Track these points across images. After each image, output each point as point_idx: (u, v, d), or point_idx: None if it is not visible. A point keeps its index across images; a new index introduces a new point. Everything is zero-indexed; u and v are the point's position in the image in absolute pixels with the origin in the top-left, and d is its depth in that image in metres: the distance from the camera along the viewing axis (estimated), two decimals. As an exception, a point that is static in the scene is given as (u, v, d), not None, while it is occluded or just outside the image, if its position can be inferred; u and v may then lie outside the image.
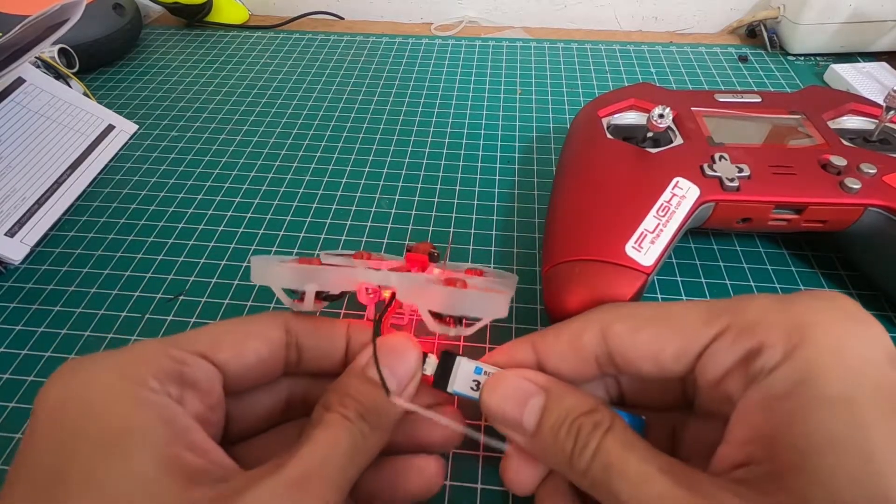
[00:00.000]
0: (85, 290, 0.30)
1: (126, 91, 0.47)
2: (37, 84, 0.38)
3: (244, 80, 0.48)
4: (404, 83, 0.47)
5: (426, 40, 0.54)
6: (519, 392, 0.18)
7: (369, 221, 0.34)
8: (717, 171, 0.27)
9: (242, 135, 0.42)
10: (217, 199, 0.36)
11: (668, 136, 0.31)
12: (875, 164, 0.27)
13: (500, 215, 0.34)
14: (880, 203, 0.25)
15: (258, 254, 0.32)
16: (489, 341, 0.27)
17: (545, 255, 0.26)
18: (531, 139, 0.41)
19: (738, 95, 0.33)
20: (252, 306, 0.29)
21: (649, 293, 0.29)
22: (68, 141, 0.37)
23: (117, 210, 0.35)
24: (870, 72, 0.45)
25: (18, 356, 0.27)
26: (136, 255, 0.32)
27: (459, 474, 0.22)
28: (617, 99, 0.34)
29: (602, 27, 0.58)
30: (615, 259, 0.24)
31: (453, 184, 0.36)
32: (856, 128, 0.32)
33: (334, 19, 0.61)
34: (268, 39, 0.55)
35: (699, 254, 0.31)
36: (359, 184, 0.37)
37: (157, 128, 0.42)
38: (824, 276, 0.30)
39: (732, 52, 0.51)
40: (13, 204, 0.33)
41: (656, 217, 0.25)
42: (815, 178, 0.27)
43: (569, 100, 0.45)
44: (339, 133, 0.42)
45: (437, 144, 0.40)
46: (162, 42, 0.55)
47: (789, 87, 0.46)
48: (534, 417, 0.18)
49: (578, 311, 0.23)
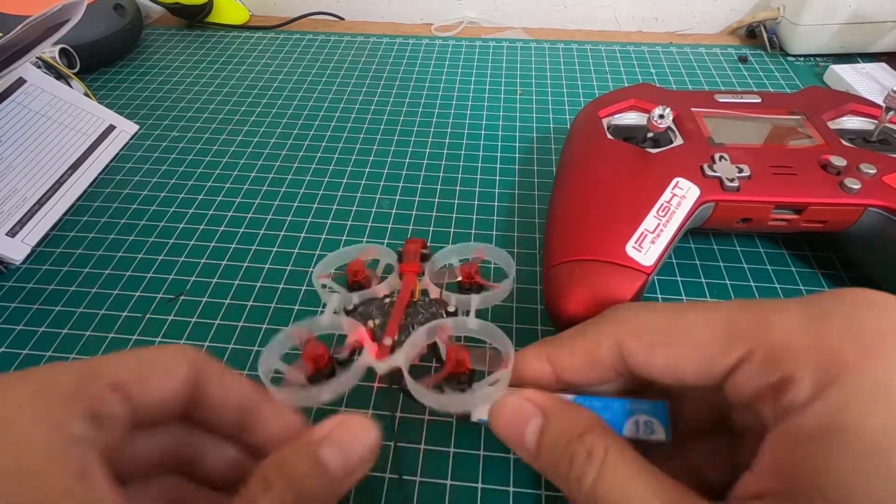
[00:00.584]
0: (86, 290, 0.30)
1: (127, 91, 0.47)
2: (38, 84, 0.38)
3: (245, 81, 0.48)
4: (405, 84, 0.47)
5: (426, 41, 0.54)
6: (520, 414, 0.18)
7: (370, 222, 0.34)
8: (718, 171, 0.27)
9: (243, 135, 0.42)
10: (218, 200, 0.36)
11: (668, 137, 0.31)
12: (875, 165, 0.27)
13: (500, 215, 0.34)
14: (880, 203, 0.26)
15: (258, 254, 0.32)
16: (489, 341, 0.27)
17: (545, 255, 0.27)
18: (531, 139, 0.41)
19: (738, 96, 0.33)
20: (252, 306, 0.29)
21: (649, 293, 0.29)
22: (69, 141, 0.37)
23: (118, 210, 0.35)
24: (869, 72, 0.45)
25: (19, 356, 0.27)
26: (136, 255, 0.32)
27: (460, 474, 0.22)
28: (617, 99, 0.34)
29: (602, 28, 0.58)
30: (615, 259, 0.24)
31: (453, 184, 0.36)
32: (855, 128, 0.32)
33: (334, 20, 0.61)
34: (268, 40, 0.55)
35: (699, 254, 0.31)
36: (359, 184, 0.37)
37: (158, 128, 0.42)
38: (824, 276, 0.30)
39: (732, 52, 0.51)
40: (14, 204, 0.33)
41: (656, 217, 0.25)
42: (815, 179, 0.27)
43: (569, 100, 0.45)
44: (339, 133, 0.42)
45: (438, 145, 0.40)
46: (163, 42, 0.55)
47: (789, 87, 0.46)
48: (532, 439, 0.17)
49: (578, 311, 0.23)
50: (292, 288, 0.30)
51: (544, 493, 0.22)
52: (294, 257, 0.32)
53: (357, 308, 0.25)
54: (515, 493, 0.22)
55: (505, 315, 0.28)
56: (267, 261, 0.31)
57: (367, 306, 0.25)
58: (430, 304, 0.25)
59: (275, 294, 0.29)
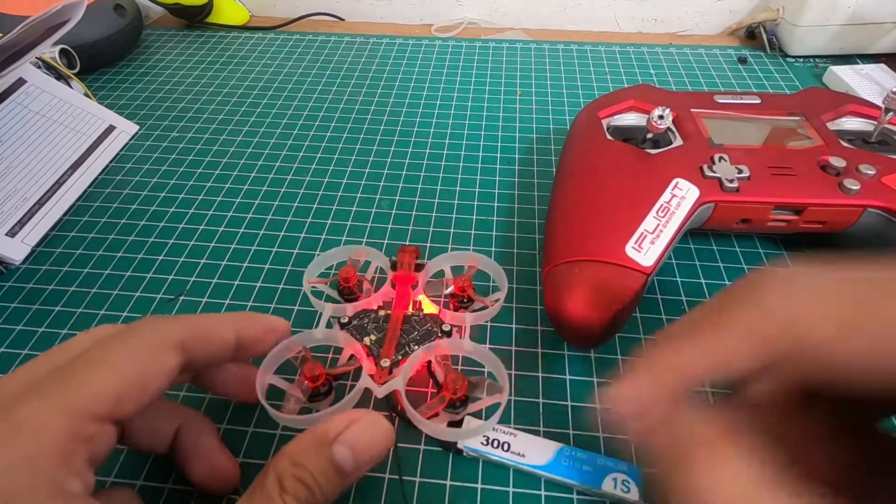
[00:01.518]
0: (86, 290, 0.30)
1: (127, 92, 0.47)
2: (38, 85, 0.38)
3: (245, 81, 0.48)
4: (405, 84, 0.48)
5: (426, 42, 0.54)
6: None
7: (370, 222, 0.34)
8: (717, 172, 0.27)
9: (243, 135, 0.42)
10: (218, 200, 0.36)
11: (667, 138, 0.31)
12: (874, 166, 0.27)
13: (500, 215, 0.34)
14: (879, 204, 0.26)
15: (258, 254, 0.32)
16: (489, 341, 0.27)
17: (545, 256, 0.27)
18: (531, 140, 0.41)
19: (737, 97, 0.33)
20: (253, 306, 0.29)
21: (649, 293, 0.29)
22: (69, 141, 0.37)
23: (118, 210, 0.35)
24: (868, 73, 0.45)
25: (19, 356, 0.27)
26: (136, 256, 0.32)
27: (460, 474, 0.22)
28: (617, 100, 0.34)
29: (602, 29, 0.58)
30: (615, 259, 0.24)
31: (453, 184, 0.37)
32: (855, 129, 0.32)
33: (335, 20, 0.61)
34: (268, 40, 0.55)
35: (699, 254, 0.31)
36: (359, 184, 0.37)
37: (158, 128, 0.42)
38: (823, 276, 0.30)
39: (732, 53, 0.51)
40: (14, 204, 0.33)
41: (656, 218, 0.25)
42: (815, 180, 0.27)
43: (569, 101, 0.45)
44: (339, 134, 0.42)
45: (438, 145, 0.40)
46: (163, 43, 0.55)
47: (788, 88, 0.46)
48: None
49: (578, 311, 0.23)
50: (292, 288, 0.30)
51: (544, 494, 0.22)
52: (294, 257, 0.32)
53: (351, 321, 0.25)
54: (515, 493, 0.22)
55: (505, 316, 0.28)
56: (267, 261, 0.31)
57: (362, 320, 0.25)
58: (425, 320, 0.26)
59: (275, 294, 0.29)
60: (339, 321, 0.26)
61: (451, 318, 0.26)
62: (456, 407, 0.23)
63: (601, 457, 0.22)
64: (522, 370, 0.26)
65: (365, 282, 0.28)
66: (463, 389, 0.22)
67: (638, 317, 0.28)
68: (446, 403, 0.22)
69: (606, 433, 0.23)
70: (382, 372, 0.24)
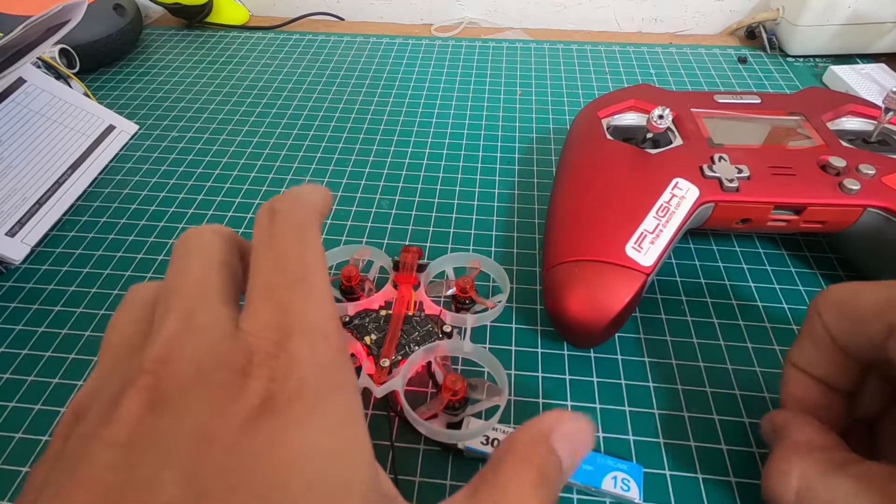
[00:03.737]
0: (86, 290, 0.30)
1: (126, 91, 0.47)
2: (37, 84, 0.38)
3: (244, 81, 0.48)
4: (405, 84, 0.48)
5: (426, 41, 0.54)
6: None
7: (370, 222, 0.34)
8: (717, 171, 0.27)
9: (243, 135, 0.42)
10: (218, 200, 0.36)
11: (667, 137, 0.31)
12: (874, 165, 0.27)
13: (500, 215, 0.34)
14: (879, 204, 0.26)
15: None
16: (489, 341, 0.27)
17: (545, 256, 0.27)
18: (531, 140, 0.41)
19: (737, 96, 0.33)
20: (252, 306, 0.29)
21: (649, 293, 0.29)
22: (69, 141, 0.37)
23: (118, 210, 0.35)
24: (869, 73, 0.45)
25: (19, 356, 0.27)
26: (136, 256, 0.32)
27: (460, 474, 0.22)
28: (617, 100, 0.34)
29: (602, 28, 0.58)
30: (615, 259, 0.24)
31: (453, 184, 0.37)
32: (855, 129, 0.32)
33: (334, 20, 0.61)
34: (268, 40, 0.55)
35: (699, 254, 0.31)
36: (359, 184, 0.37)
37: (158, 128, 0.42)
38: (823, 276, 0.30)
39: (732, 53, 0.51)
40: (14, 204, 0.33)
41: (656, 217, 0.25)
42: (815, 179, 0.27)
43: (569, 101, 0.45)
44: (339, 134, 0.42)
45: (438, 145, 0.40)
46: (162, 43, 0.55)
47: (788, 88, 0.46)
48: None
49: (578, 311, 0.23)
50: (292, 288, 0.30)
51: (544, 493, 0.22)
52: (294, 257, 0.32)
53: (352, 321, 0.25)
54: (515, 493, 0.22)
55: (505, 316, 0.28)
56: (267, 261, 0.31)
57: (363, 319, 0.25)
58: (426, 320, 0.26)
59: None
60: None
61: (453, 319, 0.26)
62: (455, 408, 0.23)
63: (601, 455, 0.22)
64: (522, 370, 0.26)
65: (367, 281, 0.28)
66: (462, 391, 0.22)
67: (638, 317, 0.28)
68: (445, 404, 0.22)
69: (607, 433, 0.23)
70: (382, 372, 0.24)
